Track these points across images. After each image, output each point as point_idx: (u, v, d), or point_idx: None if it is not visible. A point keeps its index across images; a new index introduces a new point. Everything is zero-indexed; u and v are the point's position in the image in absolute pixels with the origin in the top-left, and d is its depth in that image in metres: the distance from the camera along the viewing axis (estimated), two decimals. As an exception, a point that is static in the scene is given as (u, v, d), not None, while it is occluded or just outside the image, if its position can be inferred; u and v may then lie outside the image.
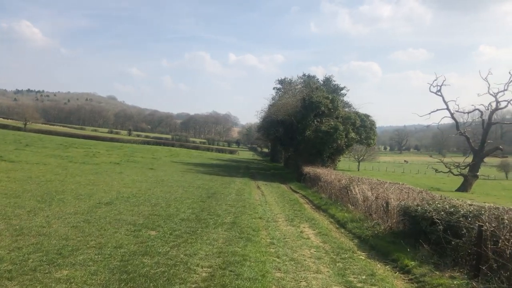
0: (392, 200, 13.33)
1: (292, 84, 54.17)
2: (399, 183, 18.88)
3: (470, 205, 9.97)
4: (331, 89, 49.89)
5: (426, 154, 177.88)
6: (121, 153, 52.72)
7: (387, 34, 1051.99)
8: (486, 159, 48.46)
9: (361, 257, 9.90)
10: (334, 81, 45.35)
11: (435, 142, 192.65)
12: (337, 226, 14.34)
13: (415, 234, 10.38)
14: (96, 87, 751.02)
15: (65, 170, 25.41)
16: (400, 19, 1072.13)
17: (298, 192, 26.40)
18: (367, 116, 40.89)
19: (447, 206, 9.94)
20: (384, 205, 13.54)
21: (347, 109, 42.77)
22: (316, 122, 37.67)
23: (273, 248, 10.06)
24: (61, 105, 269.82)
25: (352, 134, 37.67)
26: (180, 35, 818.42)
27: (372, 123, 40.87)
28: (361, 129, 39.37)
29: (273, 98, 54.83)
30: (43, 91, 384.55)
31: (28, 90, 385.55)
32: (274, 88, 58.56)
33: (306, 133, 37.31)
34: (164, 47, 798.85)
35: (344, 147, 38.59)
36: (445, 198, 12.10)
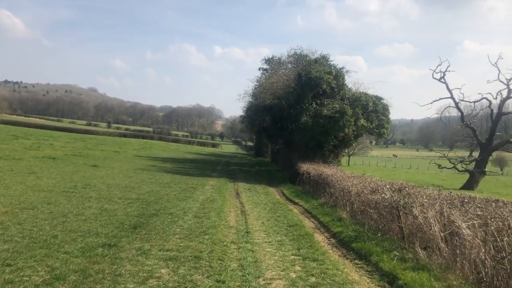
0: None
1: (282, 63, 44.54)
2: (492, 200, 10.24)
3: None
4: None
5: (413, 148, 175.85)
6: (81, 145, 44.97)
7: (373, 28, 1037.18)
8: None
9: None
10: (331, 60, 35.78)
11: (421, 136, 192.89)
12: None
13: None
14: (78, 79, 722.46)
15: None
16: (387, 14, 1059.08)
17: (296, 203, 17.67)
18: (379, 98, 31.44)
19: None
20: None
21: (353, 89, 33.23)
22: (315, 105, 28.90)
23: None
24: (40, 97, 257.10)
25: (362, 121, 28.67)
26: (165, 28, 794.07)
27: (385, 108, 31.55)
28: (372, 115, 30.22)
29: (258, 81, 44.90)
30: (21, 82, 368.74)
31: (5, 81, 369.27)
32: (259, 68, 47.42)
33: (302, 120, 28.52)
34: (148, 39, 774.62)
35: (352, 138, 29.68)
36: None
